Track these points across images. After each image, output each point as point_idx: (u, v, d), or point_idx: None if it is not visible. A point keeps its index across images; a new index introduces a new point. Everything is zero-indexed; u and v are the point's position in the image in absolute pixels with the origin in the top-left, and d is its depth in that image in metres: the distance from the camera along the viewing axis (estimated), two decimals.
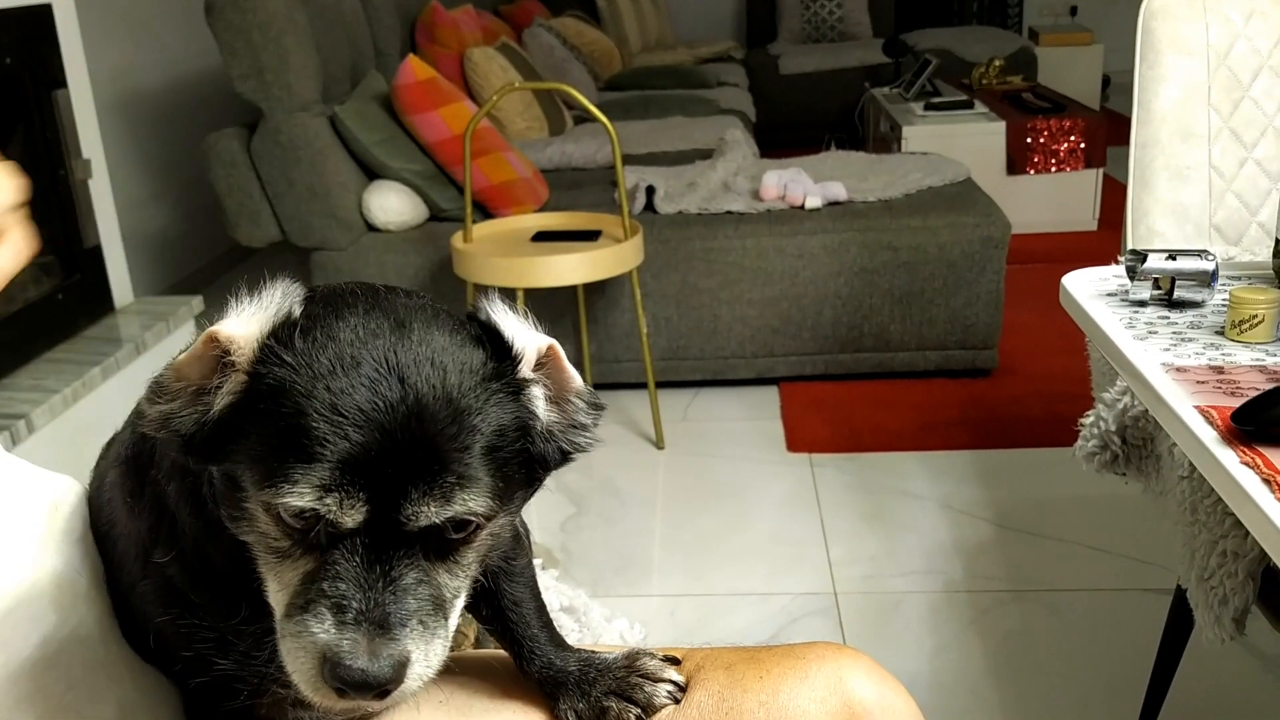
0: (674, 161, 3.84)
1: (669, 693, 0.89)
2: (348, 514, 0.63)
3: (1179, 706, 1.68)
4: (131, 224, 3.09)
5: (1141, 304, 1.28)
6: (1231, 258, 1.65)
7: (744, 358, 3.13)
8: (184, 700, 0.83)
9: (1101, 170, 4.43)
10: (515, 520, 0.74)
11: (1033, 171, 4.40)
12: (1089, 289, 1.35)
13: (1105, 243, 4.16)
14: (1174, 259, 1.25)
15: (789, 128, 6.07)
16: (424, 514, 0.64)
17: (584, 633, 1.32)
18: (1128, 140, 1.71)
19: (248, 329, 0.65)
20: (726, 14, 7.60)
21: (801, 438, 2.85)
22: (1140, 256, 1.27)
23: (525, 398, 0.70)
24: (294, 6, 2.90)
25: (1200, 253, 1.25)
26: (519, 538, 0.92)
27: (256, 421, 0.64)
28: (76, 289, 2.56)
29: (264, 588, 0.71)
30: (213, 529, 0.72)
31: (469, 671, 0.96)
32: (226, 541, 0.71)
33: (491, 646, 1.04)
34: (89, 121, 2.62)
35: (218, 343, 0.65)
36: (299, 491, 0.62)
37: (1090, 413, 1.61)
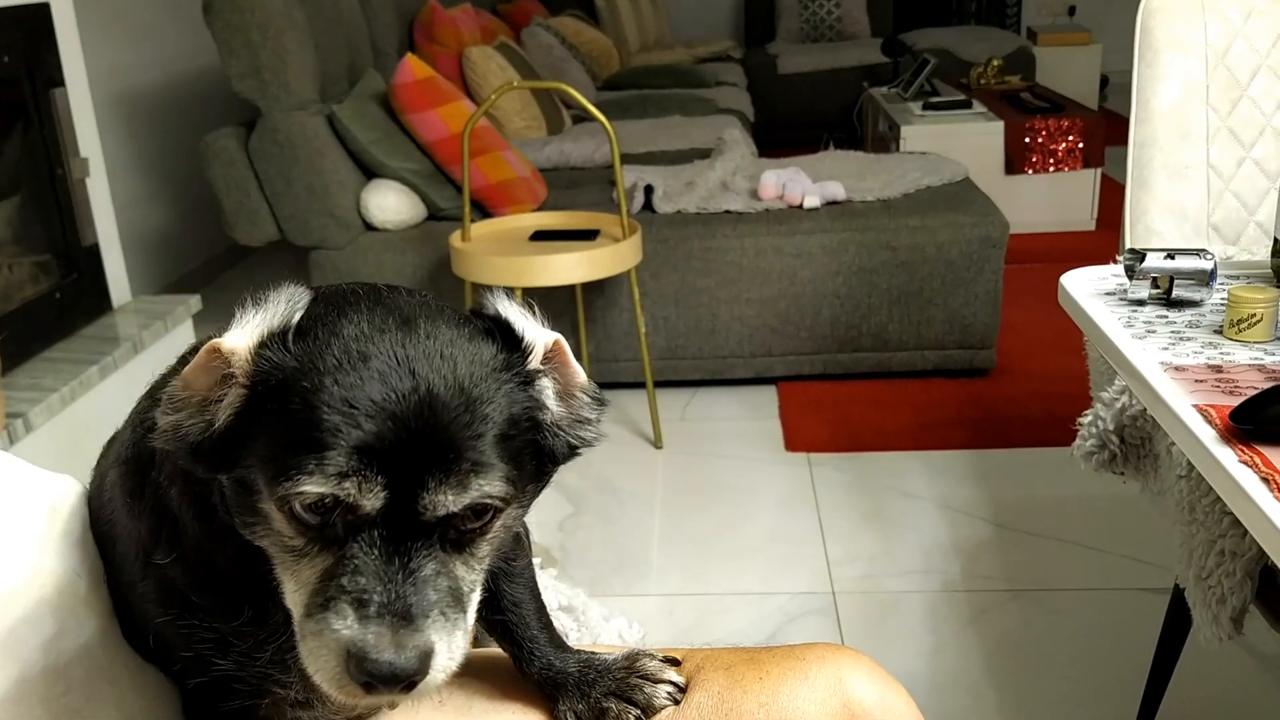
0: (672, 161, 3.84)
1: (669, 694, 0.89)
2: (367, 498, 0.62)
3: (1177, 706, 1.68)
4: (129, 223, 3.09)
5: (1140, 303, 1.28)
6: (1230, 257, 1.65)
7: (742, 357, 3.13)
8: (183, 701, 0.83)
9: (1100, 170, 4.43)
10: (525, 513, 0.74)
11: (1031, 171, 4.40)
12: (1087, 288, 1.35)
13: (1104, 242, 4.16)
14: (1172, 258, 1.25)
15: (787, 127, 6.07)
16: (442, 501, 0.64)
17: (582, 632, 1.32)
18: (1126, 140, 1.71)
19: (246, 340, 0.65)
20: (725, 14, 7.60)
21: (800, 437, 2.85)
22: (1139, 256, 1.27)
23: (535, 389, 0.70)
24: (292, 6, 2.90)
25: (1198, 252, 1.25)
26: (519, 538, 0.92)
27: (264, 424, 0.64)
28: (74, 288, 2.56)
29: (270, 590, 0.70)
30: (217, 533, 0.72)
31: (467, 672, 0.96)
32: (232, 546, 0.71)
33: (489, 645, 1.04)
34: (87, 120, 2.62)
35: (219, 355, 0.65)
36: (315, 479, 0.62)
37: (1088, 412, 1.61)
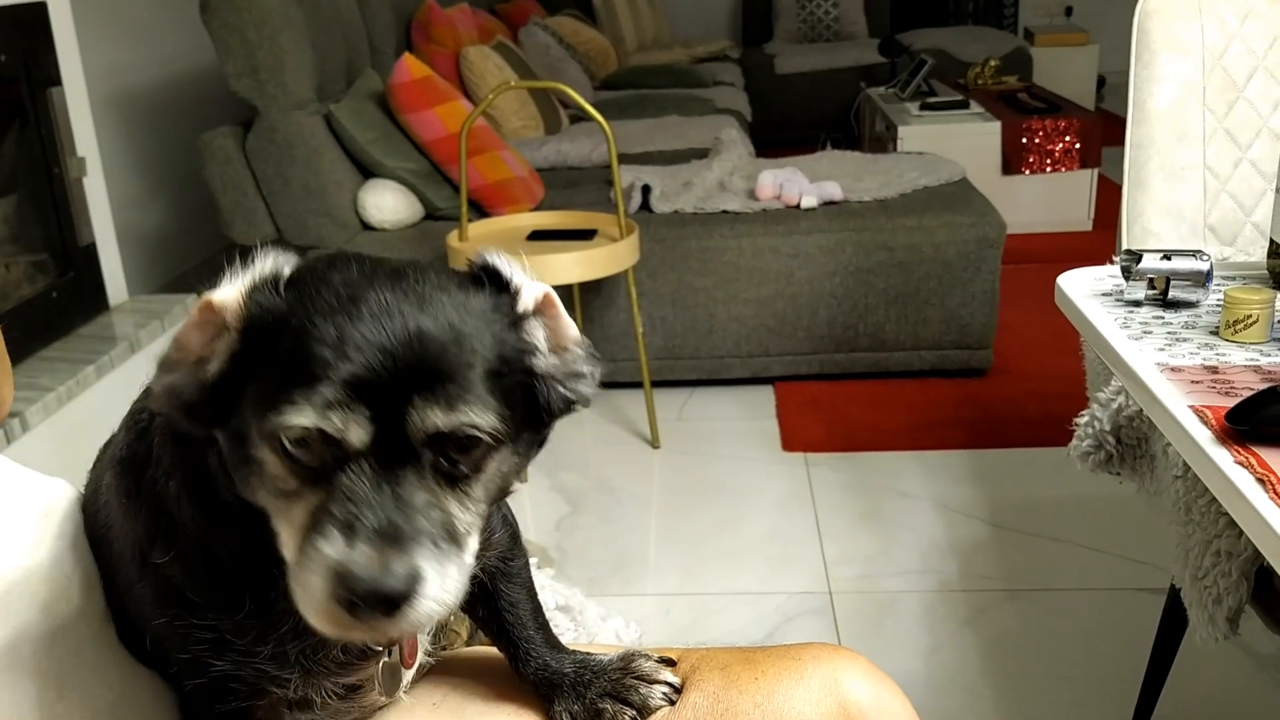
0: (670, 161, 3.84)
1: (664, 694, 0.89)
2: (352, 429, 0.63)
3: (1173, 706, 1.68)
4: (126, 222, 3.08)
5: (1136, 304, 1.28)
6: (1226, 258, 1.65)
7: (739, 357, 3.13)
8: (180, 704, 0.83)
9: (1097, 170, 4.44)
10: (522, 467, 0.72)
11: (1028, 171, 4.41)
12: (1084, 289, 1.35)
13: (1100, 243, 4.16)
14: (1169, 259, 1.25)
15: (785, 127, 6.07)
16: (430, 420, 0.64)
17: (579, 632, 1.32)
18: (1123, 140, 1.71)
19: (237, 289, 0.66)
20: (722, 13, 7.60)
21: (797, 437, 2.85)
22: (1135, 256, 1.27)
23: (525, 331, 0.71)
24: (289, 5, 2.90)
25: (1195, 253, 1.26)
26: (516, 538, 0.92)
27: (256, 368, 0.65)
28: (71, 287, 2.55)
29: (272, 579, 0.71)
30: (216, 523, 0.72)
31: (463, 672, 0.96)
32: (231, 535, 0.71)
33: (484, 644, 1.04)
34: (84, 119, 2.62)
35: (212, 309, 0.66)
36: (302, 411, 0.62)
37: (1085, 412, 1.61)
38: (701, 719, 0.87)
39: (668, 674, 0.90)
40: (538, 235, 2.82)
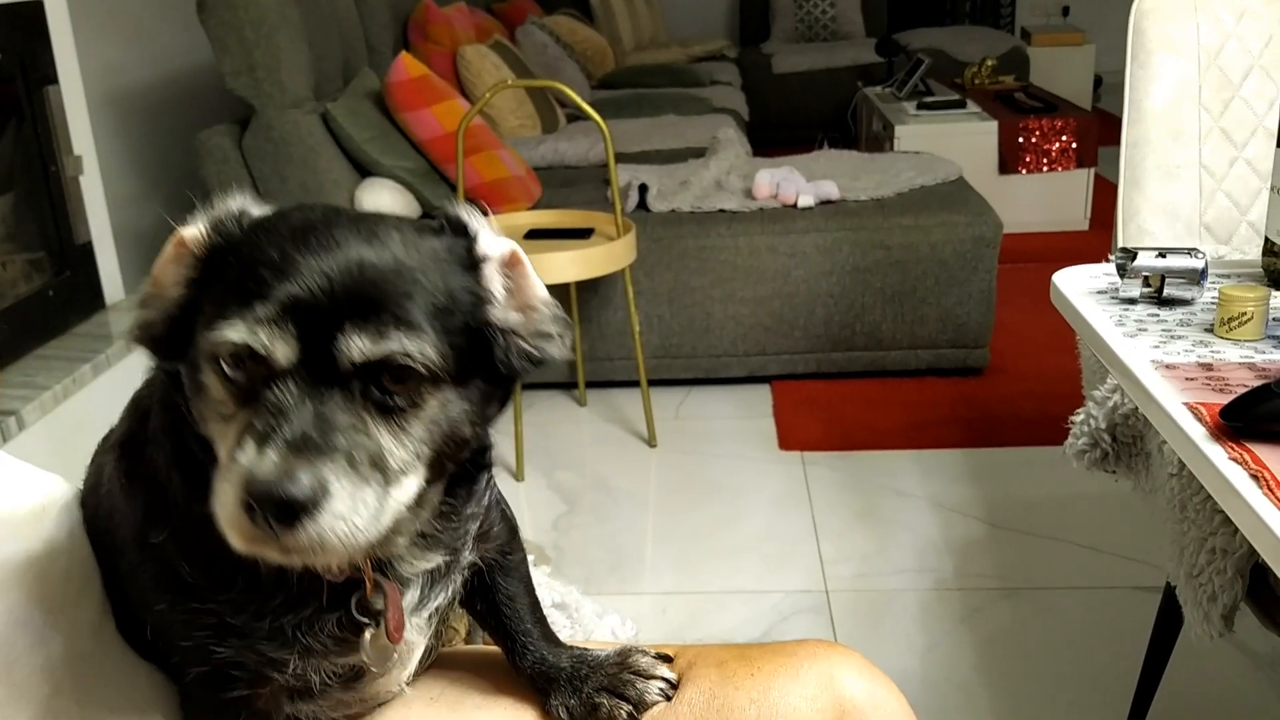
0: (667, 160, 3.85)
1: (660, 690, 0.89)
2: (278, 346, 0.64)
3: (1168, 704, 1.69)
4: (123, 220, 3.07)
5: (1131, 301, 1.28)
6: (1222, 257, 1.66)
7: (736, 356, 3.13)
8: (181, 694, 0.83)
9: (1093, 170, 4.44)
10: (477, 419, 0.72)
11: (1025, 171, 4.41)
12: (1079, 287, 1.35)
13: (1097, 242, 4.17)
14: (1164, 257, 1.25)
15: (782, 126, 6.07)
16: (356, 346, 0.64)
17: (576, 629, 1.32)
18: (1119, 140, 1.71)
19: (204, 221, 0.70)
20: (720, 13, 7.61)
21: (793, 436, 2.85)
22: (1130, 254, 1.27)
23: (481, 277, 0.71)
24: (286, 3, 2.89)
25: (1190, 250, 1.26)
26: (514, 533, 0.92)
27: (210, 292, 0.67)
28: (67, 285, 2.55)
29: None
30: (200, 487, 0.72)
31: (461, 667, 0.96)
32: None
33: (482, 641, 1.04)
34: (80, 118, 2.62)
35: (184, 244, 0.69)
36: (234, 327, 0.63)
37: (1081, 410, 1.61)
38: (698, 715, 0.88)
39: (664, 670, 0.90)
40: (535, 234, 2.82)
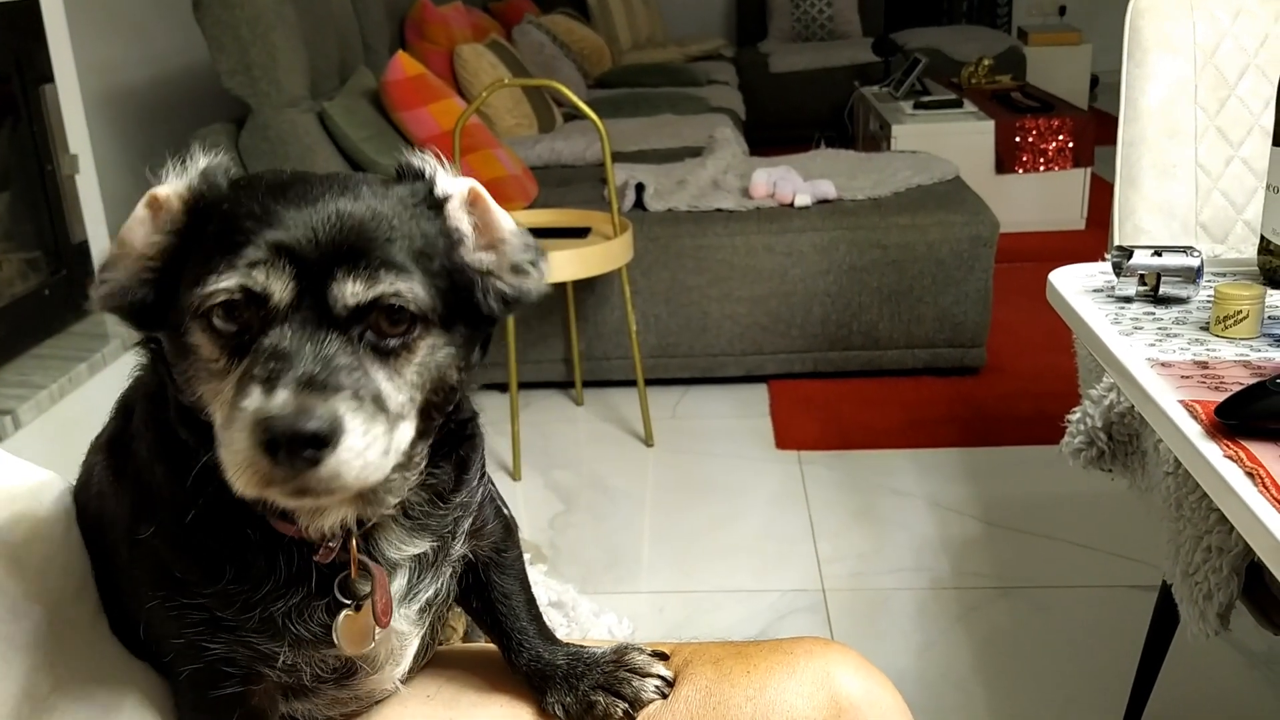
0: (664, 159, 3.84)
1: (656, 687, 0.89)
2: (275, 286, 0.64)
3: (1164, 703, 1.69)
4: (119, 220, 3.07)
5: (1127, 300, 1.28)
6: (1218, 255, 1.66)
7: (733, 355, 3.14)
8: (174, 692, 0.83)
9: (1090, 169, 4.45)
10: (463, 364, 0.73)
11: (1021, 170, 4.42)
12: (1075, 285, 1.35)
13: (1093, 241, 4.17)
14: (1159, 255, 1.25)
15: (779, 126, 6.07)
16: (351, 290, 0.65)
17: (572, 628, 1.32)
18: (1116, 139, 1.72)
19: (182, 181, 0.70)
20: (717, 12, 7.61)
21: (790, 435, 2.85)
22: (1126, 253, 1.27)
23: (448, 218, 0.73)
24: (282, 2, 2.89)
25: (1185, 249, 1.26)
26: (509, 530, 0.92)
27: (192, 252, 0.67)
28: (63, 285, 2.55)
29: (248, 541, 0.72)
30: (190, 482, 0.72)
31: (456, 665, 0.96)
32: (203, 492, 0.72)
33: (479, 641, 1.04)
34: (76, 117, 2.61)
35: (157, 203, 0.69)
36: (227, 275, 0.64)
37: (1077, 409, 1.61)
38: (694, 712, 0.88)
39: (660, 667, 0.90)
40: (531, 233, 2.82)
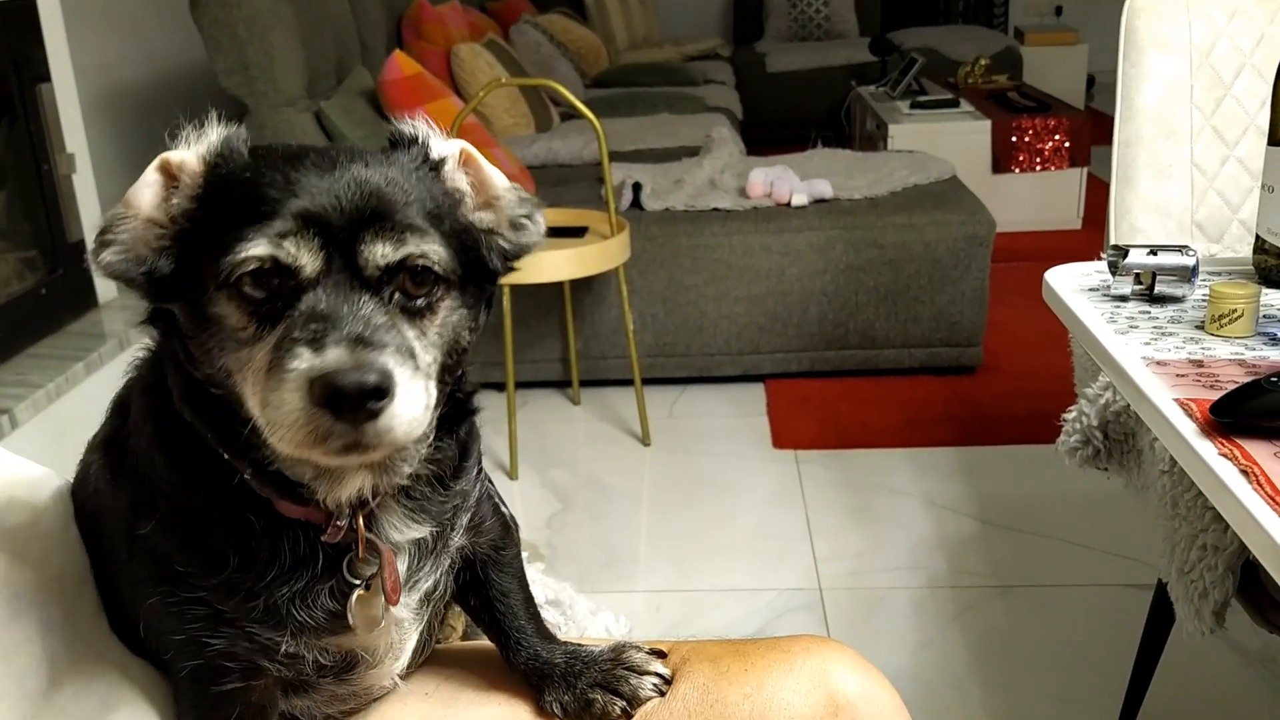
0: (661, 158, 3.85)
1: (654, 685, 0.89)
2: (305, 256, 0.65)
3: (1160, 701, 1.69)
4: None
5: (1123, 299, 1.28)
6: (1213, 255, 1.66)
7: (730, 355, 3.14)
8: (174, 689, 0.83)
9: (1086, 169, 4.45)
10: (473, 325, 0.74)
11: (1018, 170, 4.42)
12: (1071, 284, 1.35)
13: (1090, 241, 4.17)
14: (1155, 254, 1.26)
15: (775, 125, 6.07)
16: (381, 252, 0.67)
17: (569, 626, 1.32)
18: (1112, 139, 1.72)
19: (198, 150, 0.70)
20: (713, 12, 7.61)
21: (787, 434, 2.86)
22: (1122, 252, 1.28)
23: (446, 178, 0.75)
24: (279, 1, 2.89)
25: (1181, 248, 1.26)
26: (507, 528, 0.92)
27: (211, 222, 0.67)
28: (60, 284, 2.55)
29: (252, 527, 0.72)
30: (191, 471, 0.73)
31: (455, 663, 0.96)
32: (205, 481, 0.72)
33: (479, 639, 1.04)
34: (73, 116, 2.61)
35: (169, 168, 0.69)
36: (256, 244, 0.64)
37: (1073, 408, 1.62)
38: (691, 710, 0.88)
39: (658, 665, 0.90)
40: None
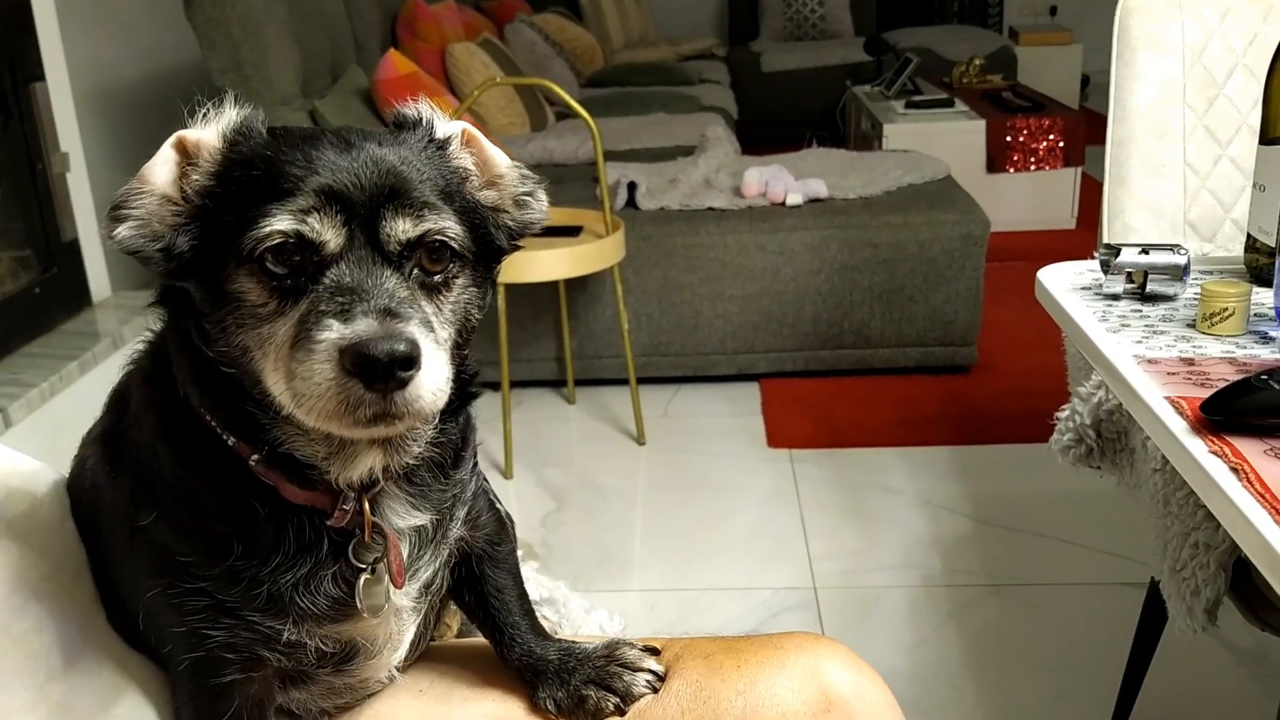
0: (656, 158, 3.85)
1: (648, 682, 0.89)
2: (328, 231, 0.67)
3: (1153, 698, 1.70)
4: (104, 217, 3.07)
5: (1115, 298, 1.29)
6: (1206, 254, 1.67)
7: (725, 354, 3.14)
8: (172, 683, 0.83)
9: (1080, 169, 4.46)
10: (480, 303, 0.76)
11: (1012, 170, 4.43)
12: (1064, 283, 1.36)
13: (1084, 240, 4.18)
14: (1147, 253, 1.26)
15: (771, 125, 6.08)
16: (401, 228, 0.69)
17: (564, 624, 1.32)
18: (1105, 139, 1.72)
19: (216, 128, 0.71)
20: (709, 11, 7.61)
21: (782, 433, 2.86)
22: (1114, 251, 1.28)
23: (450, 156, 0.76)
24: (273, 0, 2.89)
25: (1172, 247, 1.27)
26: (503, 524, 0.93)
27: (231, 200, 0.68)
28: (54, 283, 2.54)
29: (256, 513, 0.72)
30: (194, 459, 0.73)
31: (449, 660, 0.97)
32: (209, 469, 0.73)
33: (473, 636, 1.04)
34: (67, 115, 2.61)
35: (184, 146, 0.71)
36: (280, 219, 0.66)
37: (1066, 406, 1.62)
38: (685, 706, 0.88)
39: (652, 662, 0.91)
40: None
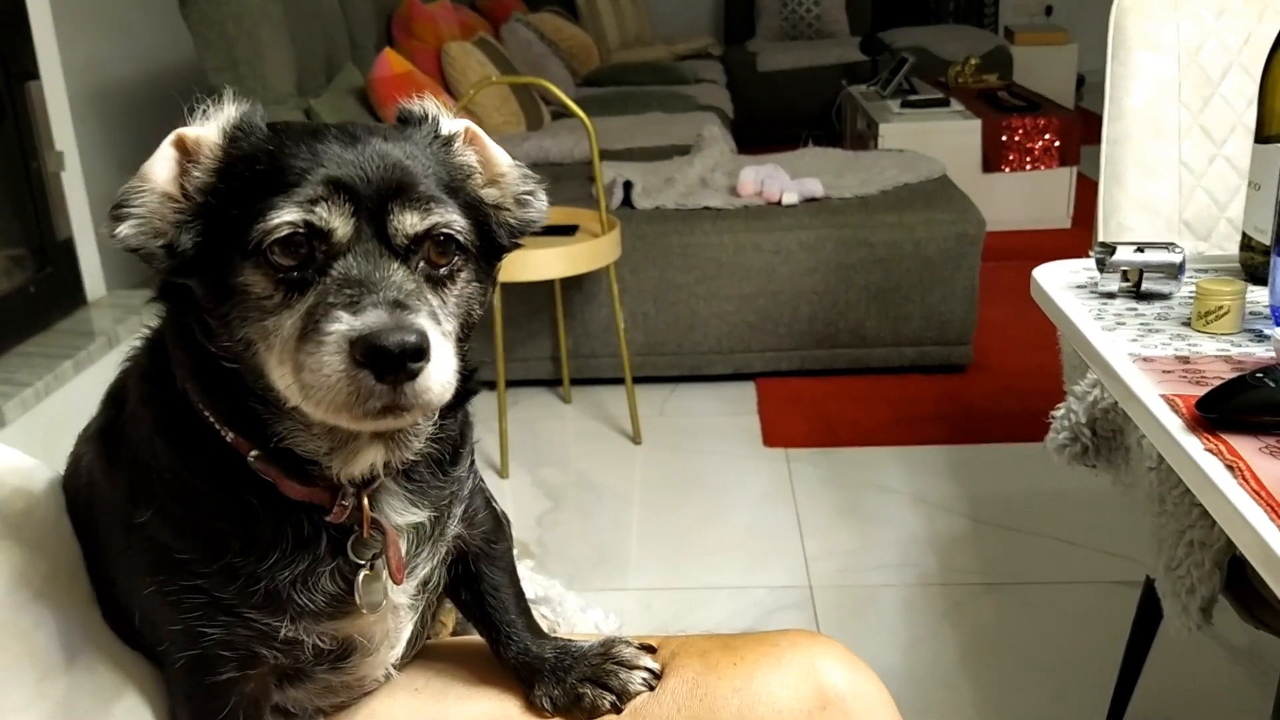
0: (652, 157, 3.85)
1: (644, 679, 0.89)
2: (337, 221, 0.67)
3: (1148, 697, 1.70)
4: (104, 217, 3.07)
5: (1110, 296, 1.29)
6: (1201, 253, 1.67)
7: (721, 353, 3.14)
8: (168, 681, 0.82)
9: (1076, 168, 4.47)
10: (482, 299, 0.76)
11: (1008, 169, 4.43)
12: (1059, 281, 1.36)
13: (1080, 240, 4.19)
14: (1142, 251, 1.26)
15: (766, 124, 6.08)
16: (409, 222, 0.69)
17: (559, 623, 1.32)
18: (1101, 138, 1.72)
19: (216, 125, 0.71)
20: (705, 11, 7.61)
21: (778, 433, 2.86)
22: (1109, 249, 1.28)
23: (454, 152, 0.77)
24: None
25: (1168, 245, 1.27)
26: (499, 522, 0.93)
27: (235, 195, 0.68)
28: (48, 282, 2.54)
29: (254, 509, 0.72)
30: (193, 454, 0.73)
31: (445, 658, 0.97)
32: (207, 464, 0.73)
33: (470, 634, 1.04)
34: (62, 113, 2.60)
35: (184, 143, 0.70)
36: (287, 210, 0.66)
37: (1061, 405, 1.62)
38: (680, 704, 0.88)
39: (647, 660, 0.91)
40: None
